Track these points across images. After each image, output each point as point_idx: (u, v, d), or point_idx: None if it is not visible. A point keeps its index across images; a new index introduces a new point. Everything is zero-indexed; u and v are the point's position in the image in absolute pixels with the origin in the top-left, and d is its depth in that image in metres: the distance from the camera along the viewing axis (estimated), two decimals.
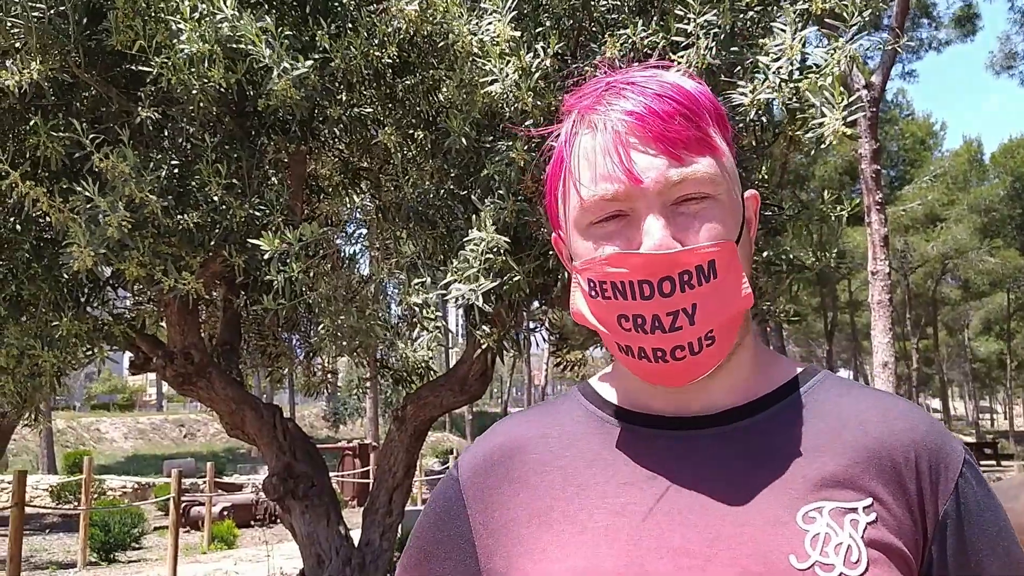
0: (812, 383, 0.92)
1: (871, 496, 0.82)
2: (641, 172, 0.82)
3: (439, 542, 0.95)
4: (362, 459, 19.16)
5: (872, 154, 13.08)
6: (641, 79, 0.86)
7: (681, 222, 0.83)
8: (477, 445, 0.99)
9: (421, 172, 3.42)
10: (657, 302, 0.81)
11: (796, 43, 2.35)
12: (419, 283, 2.82)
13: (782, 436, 0.87)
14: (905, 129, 36.53)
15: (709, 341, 0.83)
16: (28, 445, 28.49)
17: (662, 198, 0.82)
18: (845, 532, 0.79)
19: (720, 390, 0.89)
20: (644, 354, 0.84)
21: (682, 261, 0.81)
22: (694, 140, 0.83)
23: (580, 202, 0.85)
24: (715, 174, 0.84)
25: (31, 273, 3.32)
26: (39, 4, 2.57)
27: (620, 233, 0.84)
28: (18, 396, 3.55)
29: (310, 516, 4.32)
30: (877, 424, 0.87)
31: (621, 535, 0.83)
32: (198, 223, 2.98)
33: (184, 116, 2.99)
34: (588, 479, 0.89)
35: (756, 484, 0.84)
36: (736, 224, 0.86)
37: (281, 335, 5.05)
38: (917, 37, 27.81)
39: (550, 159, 0.94)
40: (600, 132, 0.84)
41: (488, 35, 2.46)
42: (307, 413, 40.61)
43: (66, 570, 11.22)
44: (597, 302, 0.86)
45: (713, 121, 0.86)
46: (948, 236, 33.40)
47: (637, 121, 0.83)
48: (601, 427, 0.93)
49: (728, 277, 0.83)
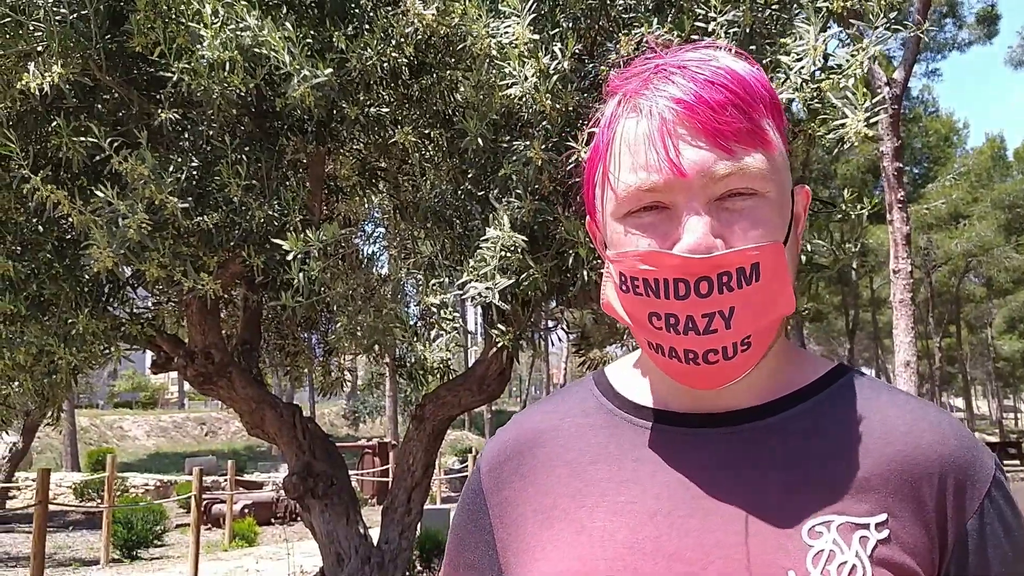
0: (839, 384, 0.87)
1: (886, 511, 0.77)
2: (686, 164, 0.76)
3: (468, 532, 0.95)
4: (381, 458, 19.23)
5: (894, 152, 12.97)
6: (693, 63, 0.80)
7: (725, 219, 0.77)
8: (496, 438, 0.97)
9: (438, 172, 3.43)
10: (692, 302, 0.77)
11: (819, 43, 2.33)
12: (436, 283, 2.82)
13: (798, 440, 0.82)
14: (929, 126, 36.16)
15: (745, 347, 0.79)
16: (52, 443, 28.80)
17: (706, 192, 0.77)
18: (852, 551, 0.75)
19: (741, 389, 0.84)
20: (675, 354, 0.80)
21: (723, 263, 0.76)
22: (745, 133, 0.77)
23: (618, 190, 0.81)
24: (765, 170, 0.78)
25: (53, 273, 3.35)
26: (61, 8, 2.60)
27: (657, 226, 0.79)
28: (37, 394, 3.59)
29: (330, 514, 4.34)
30: (903, 434, 0.81)
31: (618, 537, 0.81)
32: (217, 224, 3.00)
33: (204, 118, 3.02)
34: (592, 475, 0.86)
35: (764, 490, 0.79)
36: (784, 223, 0.81)
37: (300, 334, 5.08)
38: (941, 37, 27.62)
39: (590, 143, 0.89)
40: (645, 118, 0.79)
41: (507, 37, 2.46)
42: (326, 412, 40.79)
43: (89, 567, 11.33)
44: (628, 297, 0.81)
45: (767, 111, 0.80)
46: (972, 233, 33.05)
47: (685, 110, 0.77)
48: (610, 420, 0.90)
49: (771, 281, 0.78)
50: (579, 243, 2.71)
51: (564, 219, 2.75)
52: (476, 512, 0.94)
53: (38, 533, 7.33)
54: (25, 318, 3.23)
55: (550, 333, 4.28)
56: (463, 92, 2.89)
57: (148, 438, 35.81)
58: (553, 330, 4.27)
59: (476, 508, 0.94)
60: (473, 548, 0.94)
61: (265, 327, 4.82)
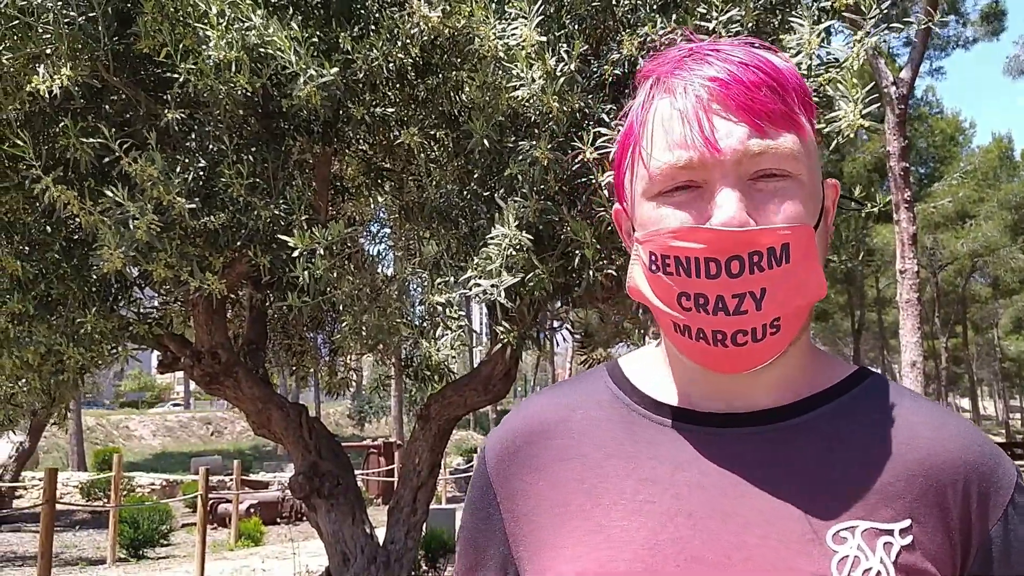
0: (862, 388, 0.85)
1: (910, 518, 0.77)
2: (720, 141, 0.75)
3: (480, 530, 0.92)
4: (387, 457, 19.25)
5: (901, 151, 12.95)
6: (727, 47, 0.80)
7: (757, 198, 0.77)
8: (501, 427, 0.95)
9: (444, 172, 3.44)
10: (723, 282, 0.75)
11: (814, 37, 2.34)
12: (442, 282, 2.83)
13: (822, 443, 0.81)
14: (934, 126, 36.08)
15: (774, 329, 0.77)
16: (58, 442, 28.88)
17: (739, 169, 0.76)
18: (876, 557, 0.74)
19: (763, 387, 0.83)
20: (703, 335, 0.78)
21: (755, 240, 0.75)
22: (779, 114, 0.77)
23: (651, 168, 0.79)
24: (798, 151, 0.78)
25: (60, 273, 3.37)
26: (69, 11, 2.61)
27: (690, 204, 0.78)
28: (44, 393, 3.61)
29: (335, 514, 4.36)
30: (927, 440, 0.80)
31: (637, 537, 0.79)
32: (224, 224, 3.01)
33: (210, 119, 3.03)
34: (607, 472, 0.84)
35: (787, 493, 0.78)
36: (816, 209, 0.80)
37: (306, 334, 5.09)
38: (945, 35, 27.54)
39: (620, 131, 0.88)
40: (680, 96, 0.78)
41: (514, 39, 2.46)
42: (332, 412, 40.83)
43: (96, 566, 11.36)
44: (657, 278, 0.80)
45: (799, 101, 0.80)
46: (978, 233, 32.97)
47: (720, 87, 0.76)
48: (626, 415, 0.87)
49: (802, 263, 0.77)
50: (585, 244, 2.72)
51: (570, 219, 2.76)
52: (486, 506, 0.91)
53: (45, 532, 7.36)
54: (33, 318, 3.25)
55: (555, 332, 4.29)
56: (469, 93, 2.90)
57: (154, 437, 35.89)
58: (558, 329, 4.27)
59: (486, 503, 0.92)
60: (484, 548, 0.92)
61: (271, 327, 4.84)
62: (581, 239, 2.73)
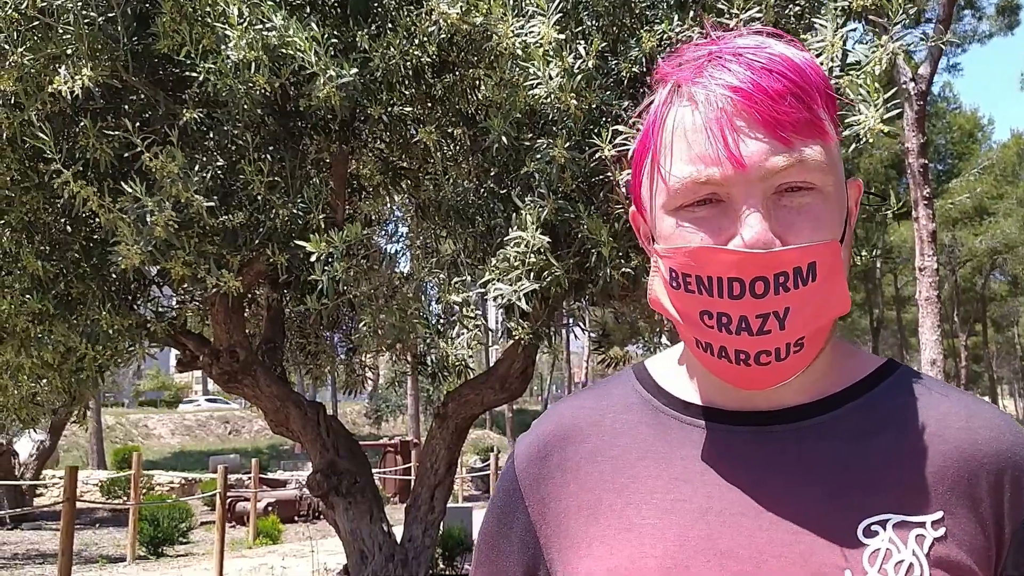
0: (890, 381, 0.84)
1: (942, 509, 0.76)
2: (745, 156, 0.73)
3: (503, 536, 0.92)
4: (404, 456, 19.30)
5: (919, 148, 12.85)
6: (748, 50, 0.77)
7: (782, 216, 0.75)
8: (532, 432, 0.94)
9: (460, 170, 3.44)
10: (747, 303, 0.74)
11: (837, 40, 2.32)
12: (459, 281, 2.83)
13: (851, 438, 0.80)
14: (952, 122, 35.79)
15: (798, 348, 0.76)
16: (78, 441, 29.12)
17: (764, 185, 0.74)
18: (908, 549, 0.74)
19: (792, 385, 0.82)
20: (725, 354, 0.77)
21: (781, 261, 0.73)
22: (804, 123, 0.74)
23: (670, 182, 0.77)
24: (824, 162, 0.75)
25: (80, 272, 3.40)
26: (89, 11, 2.63)
27: (712, 221, 0.75)
28: (64, 392, 3.64)
29: (353, 512, 4.37)
30: (958, 431, 0.79)
31: (668, 535, 0.79)
32: (242, 223, 3.03)
33: (228, 118, 3.04)
34: (639, 472, 0.84)
35: (817, 489, 0.78)
36: (841, 219, 0.78)
37: (323, 333, 5.10)
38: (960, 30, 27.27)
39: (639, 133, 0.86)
40: (702, 106, 0.75)
41: (532, 37, 2.46)
42: (349, 410, 40.96)
43: (116, 564, 11.45)
44: (679, 294, 0.79)
45: (822, 100, 0.77)
46: (996, 230, 32.67)
47: (744, 99, 0.74)
48: (655, 417, 0.87)
49: (827, 280, 0.75)
50: (602, 242, 2.71)
51: (587, 218, 2.75)
52: (512, 512, 0.91)
53: (65, 530, 7.42)
54: (53, 317, 3.27)
55: (570, 330, 4.28)
56: (486, 91, 2.90)
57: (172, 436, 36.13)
58: (573, 326, 4.27)
59: (512, 509, 0.91)
60: (508, 554, 0.91)
61: (288, 326, 4.85)
62: (598, 237, 2.72)
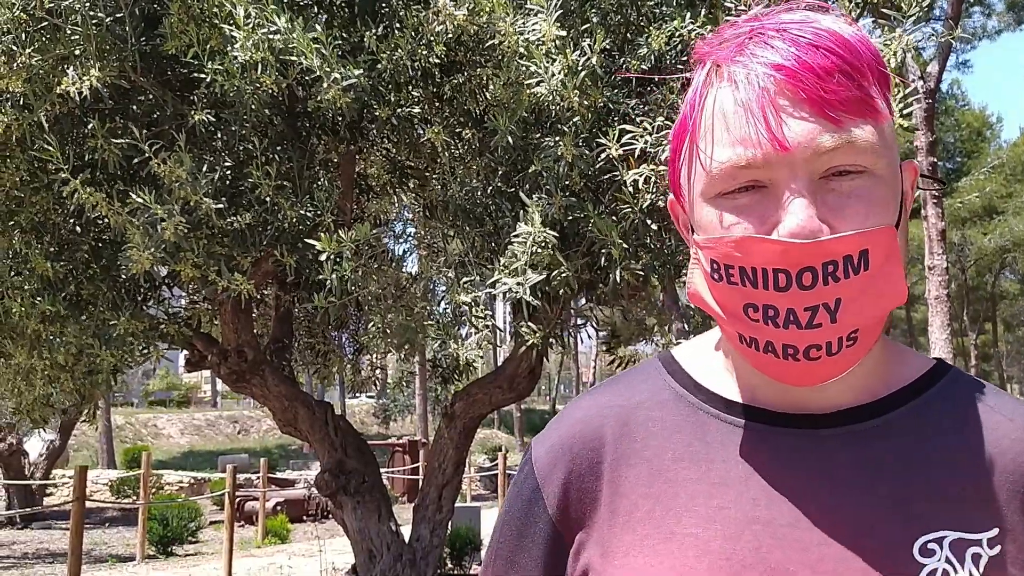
0: (943, 384, 0.79)
1: (997, 526, 0.71)
2: (788, 137, 0.68)
3: (523, 549, 0.85)
4: (412, 455, 19.29)
5: (928, 146, 12.79)
6: (793, 25, 0.71)
7: (831, 200, 0.69)
8: (551, 433, 0.87)
9: (468, 170, 3.43)
10: (794, 294, 0.69)
11: None
12: (467, 281, 2.83)
13: (903, 446, 0.75)
14: (961, 120, 35.64)
15: (851, 342, 0.71)
16: (88, 441, 29.21)
17: (810, 168, 0.69)
18: (965, 570, 0.70)
19: (839, 387, 0.76)
20: (772, 349, 0.72)
21: (829, 250, 0.68)
22: (854, 101, 0.69)
23: (710, 168, 0.72)
24: (875, 143, 0.70)
25: (90, 274, 3.41)
26: (97, 12, 2.64)
27: (755, 208, 0.71)
28: (77, 393, 3.65)
29: (361, 512, 4.37)
30: (1013, 441, 0.75)
31: (713, 546, 0.73)
32: (250, 224, 3.03)
33: (236, 119, 3.05)
34: (676, 475, 0.78)
35: (871, 500, 0.73)
36: (895, 204, 0.72)
37: (330, 333, 5.11)
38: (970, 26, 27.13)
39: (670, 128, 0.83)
40: (742, 86, 0.70)
41: (534, 35, 2.45)
42: (357, 410, 40.98)
43: (125, 563, 11.48)
44: (720, 287, 0.74)
45: (874, 78, 0.71)
46: (1006, 229, 32.51)
47: (787, 77, 0.68)
48: (693, 414, 0.81)
49: (882, 269, 0.70)
50: (611, 243, 2.71)
51: (595, 217, 2.75)
52: (533, 521, 0.84)
53: (75, 529, 7.44)
54: (64, 318, 3.28)
55: (579, 330, 4.27)
56: (492, 90, 2.90)
57: (182, 436, 36.23)
58: (582, 326, 4.26)
59: (533, 517, 0.85)
60: (526, 565, 0.85)
61: (296, 326, 4.86)
62: (607, 237, 2.71)
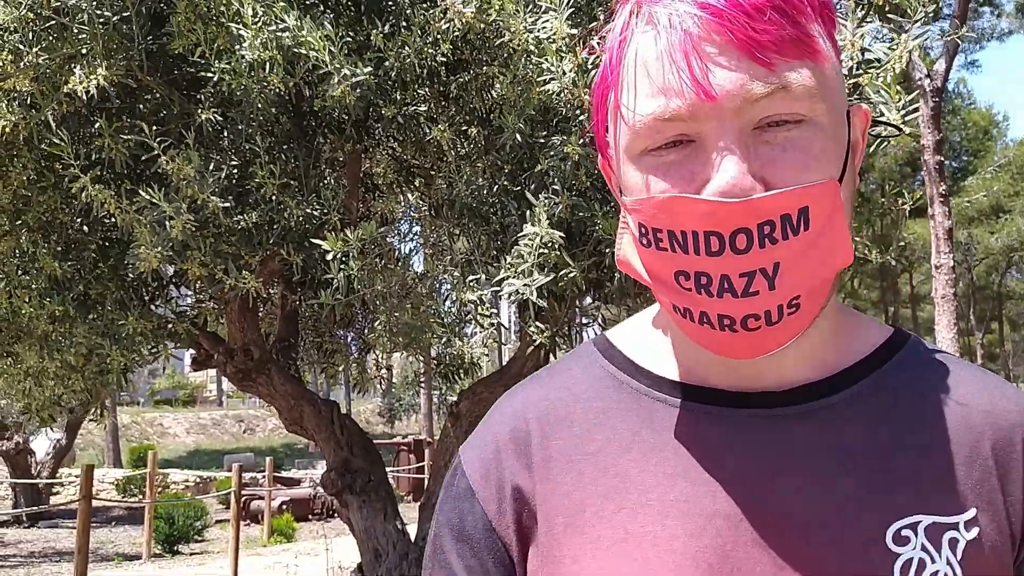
0: (903, 354, 0.74)
1: (974, 507, 0.67)
2: (714, 84, 0.61)
3: (468, 569, 0.76)
4: (417, 455, 19.32)
5: (935, 145, 12.76)
6: None
7: (765, 153, 0.63)
8: (480, 437, 0.79)
9: (474, 168, 3.43)
10: (728, 259, 0.62)
11: (857, 38, 2.29)
12: (473, 280, 2.83)
13: (867, 424, 0.69)
14: (968, 119, 35.57)
15: (792, 309, 0.64)
16: (94, 440, 29.29)
17: (741, 119, 0.62)
18: (943, 558, 0.65)
19: (791, 359, 0.70)
20: (707, 319, 0.65)
21: (764, 209, 0.61)
22: (788, 41, 0.62)
23: (632, 122, 0.65)
24: (814, 87, 0.63)
25: (98, 273, 3.41)
26: (104, 11, 2.64)
27: (682, 165, 0.64)
28: (87, 393, 3.66)
29: (367, 510, 4.38)
30: (983, 414, 0.70)
31: (674, 545, 0.67)
32: (257, 223, 3.03)
33: (243, 118, 3.05)
34: (625, 469, 0.71)
35: (838, 486, 0.67)
36: (840, 154, 0.65)
37: (336, 332, 5.12)
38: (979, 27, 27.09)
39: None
40: (663, 31, 0.63)
41: (545, 32, 2.45)
42: (363, 409, 41.04)
43: (131, 562, 11.52)
44: (650, 252, 0.67)
45: (816, 14, 0.65)
46: (1012, 228, 32.42)
47: (713, 17, 0.61)
48: (637, 401, 0.74)
49: (825, 228, 0.63)
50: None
51: (602, 217, 2.74)
52: (470, 534, 0.76)
53: (82, 528, 7.46)
54: (73, 318, 3.29)
55: (585, 330, 4.27)
56: (499, 88, 2.89)
57: (188, 435, 36.31)
58: (589, 326, 4.26)
59: (470, 529, 0.76)
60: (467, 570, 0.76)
61: (302, 325, 4.87)
62: (613, 237, 2.71)
